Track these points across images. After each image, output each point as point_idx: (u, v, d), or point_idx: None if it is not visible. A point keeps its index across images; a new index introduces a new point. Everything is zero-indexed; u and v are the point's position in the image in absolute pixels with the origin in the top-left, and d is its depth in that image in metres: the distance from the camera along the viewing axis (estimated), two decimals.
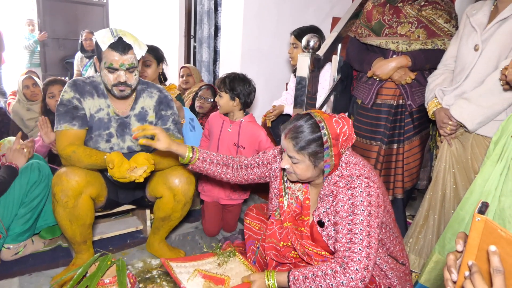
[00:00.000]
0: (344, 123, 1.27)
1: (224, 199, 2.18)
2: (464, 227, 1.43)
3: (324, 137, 1.23)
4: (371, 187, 1.24)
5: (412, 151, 1.92)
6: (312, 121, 1.25)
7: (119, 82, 1.63)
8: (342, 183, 1.27)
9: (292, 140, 1.25)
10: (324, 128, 1.23)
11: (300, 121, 1.27)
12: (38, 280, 1.74)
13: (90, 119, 1.72)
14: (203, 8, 3.91)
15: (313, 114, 1.28)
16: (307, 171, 1.28)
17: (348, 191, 1.25)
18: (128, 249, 2.04)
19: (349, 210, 1.23)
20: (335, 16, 3.36)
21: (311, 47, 1.84)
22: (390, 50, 1.86)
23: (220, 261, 1.54)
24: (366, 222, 1.20)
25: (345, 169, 1.29)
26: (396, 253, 1.40)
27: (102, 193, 1.76)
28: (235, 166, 1.60)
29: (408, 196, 2.06)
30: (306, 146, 1.24)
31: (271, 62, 3.19)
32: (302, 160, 1.26)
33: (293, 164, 1.29)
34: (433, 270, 1.54)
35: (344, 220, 1.23)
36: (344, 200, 1.25)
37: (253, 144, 2.12)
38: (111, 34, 1.59)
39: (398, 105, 1.90)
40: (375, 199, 1.23)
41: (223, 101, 2.06)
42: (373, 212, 1.21)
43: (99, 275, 1.34)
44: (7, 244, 1.81)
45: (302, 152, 1.25)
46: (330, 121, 1.25)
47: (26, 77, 3.05)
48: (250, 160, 1.59)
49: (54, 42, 6.23)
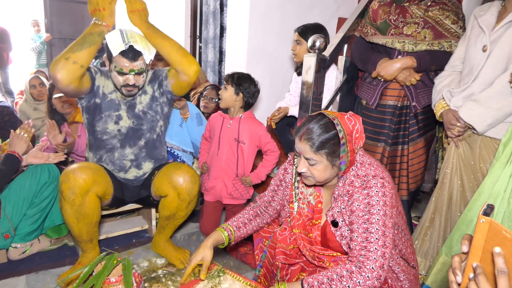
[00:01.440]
0: (356, 121, 1.27)
1: (227, 197, 2.19)
2: (472, 229, 1.42)
3: (340, 133, 1.23)
4: (386, 187, 1.24)
5: (416, 152, 1.91)
6: (326, 120, 1.25)
7: (128, 84, 1.72)
8: (358, 183, 1.27)
9: (308, 141, 1.24)
10: (339, 125, 1.23)
11: (313, 121, 1.26)
12: (45, 279, 1.75)
13: (102, 98, 1.79)
14: (208, 9, 3.92)
15: (325, 113, 1.28)
16: (325, 171, 1.27)
17: (364, 191, 1.24)
18: (134, 248, 2.05)
19: (365, 210, 1.22)
20: (341, 16, 3.35)
21: (317, 48, 1.83)
22: (396, 50, 1.85)
23: (212, 284, 1.43)
24: (382, 222, 1.19)
25: (360, 169, 1.29)
26: (407, 256, 1.39)
27: (108, 191, 1.77)
28: (262, 210, 1.61)
29: (413, 198, 2.05)
30: (323, 145, 1.23)
31: (277, 62, 3.19)
32: (320, 160, 1.25)
33: (311, 167, 1.27)
34: (440, 272, 1.54)
35: (360, 219, 1.22)
36: (360, 200, 1.24)
37: (254, 139, 2.14)
38: (122, 41, 1.64)
39: (403, 106, 1.89)
40: (389, 200, 1.23)
41: (227, 93, 2.08)
42: (388, 212, 1.21)
43: (105, 274, 1.35)
44: (15, 243, 1.83)
45: (320, 152, 1.23)
46: (342, 118, 1.25)
47: (33, 77, 3.08)
48: (268, 194, 1.59)
49: (61, 42, 6.28)
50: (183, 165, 1.84)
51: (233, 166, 2.16)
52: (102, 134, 1.81)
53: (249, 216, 1.57)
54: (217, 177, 2.18)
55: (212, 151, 2.20)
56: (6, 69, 5.43)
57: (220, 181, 2.17)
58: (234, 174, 2.17)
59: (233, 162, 2.16)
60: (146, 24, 1.74)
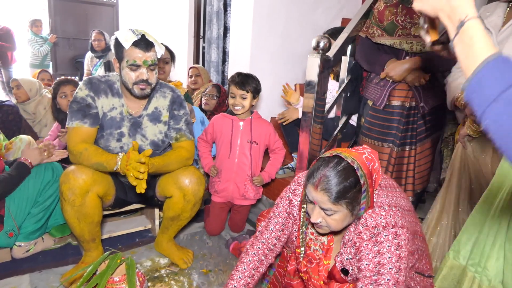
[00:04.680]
0: (374, 159, 1.13)
1: (239, 198, 2.18)
2: (480, 231, 1.41)
3: (361, 179, 1.08)
4: (399, 237, 1.10)
5: (423, 153, 1.90)
6: (344, 164, 1.08)
7: (141, 80, 1.66)
8: (366, 236, 1.13)
9: (326, 192, 1.07)
10: (359, 169, 1.08)
11: (330, 168, 1.09)
12: (48, 278, 1.76)
13: (102, 118, 1.74)
14: (212, 9, 3.92)
15: (342, 155, 1.10)
16: (344, 220, 1.13)
17: (375, 247, 1.11)
18: (137, 248, 2.05)
19: (375, 270, 1.10)
20: (345, 17, 3.35)
21: (320, 48, 1.83)
22: (403, 51, 1.84)
23: None
24: (393, 281, 1.08)
25: (371, 216, 1.14)
26: (422, 268, 1.35)
27: (109, 191, 1.77)
28: (271, 248, 1.40)
29: (418, 198, 2.05)
30: (344, 195, 1.07)
31: (280, 62, 3.19)
32: (338, 210, 1.10)
33: (327, 217, 1.12)
34: (448, 276, 1.52)
35: (366, 280, 1.11)
36: (370, 258, 1.11)
37: (265, 139, 2.15)
38: (132, 33, 1.62)
39: (411, 107, 1.87)
40: (405, 249, 1.10)
41: (247, 101, 2.08)
42: (402, 267, 1.09)
43: (109, 273, 1.35)
44: (19, 242, 1.84)
45: (340, 202, 1.08)
46: (361, 159, 1.10)
47: (12, 80, 3.12)
48: (275, 229, 1.38)
49: (64, 42, 6.30)
50: (189, 167, 1.84)
51: (246, 168, 2.15)
52: (105, 151, 1.76)
53: (254, 266, 1.37)
54: (229, 179, 2.16)
55: (222, 154, 2.17)
56: (10, 68, 5.45)
57: (232, 183, 2.16)
58: (247, 175, 2.16)
59: (246, 164, 2.15)
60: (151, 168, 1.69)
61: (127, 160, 1.57)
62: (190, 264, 1.92)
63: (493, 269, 1.34)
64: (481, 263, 1.37)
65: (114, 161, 1.61)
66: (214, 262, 1.98)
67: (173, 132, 1.84)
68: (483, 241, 1.38)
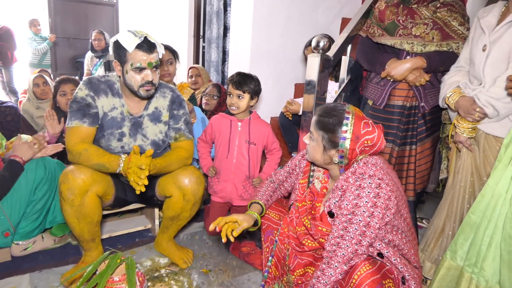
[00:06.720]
0: (374, 131, 1.27)
1: (237, 199, 2.18)
2: (476, 231, 1.41)
3: (344, 127, 1.26)
4: (381, 189, 1.21)
5: (424, 153, 1.90)
6: (343, 109, 1.29)
7: (147, 82, 1.66)
8: (352, 179, 1.27)
9: (317, 116, 1.31)
10: (349, 120, 1.26)
11: (335, 105, 1.32)
12: (48, 277, 1.76)
13: (103, 118, 1.74)
14: (212, 9, 3.92)
15: (348, 105, 1.31)
16: (316, 151, 1.33)
17: (356, 191, 1.24)
18: (137, 248, 2.05)
19: (351, 210, 1.23)
20: (345, 16, 3.35)
21: (321, 48, 1.83)
22: (404, 51, 1.84)
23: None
24: (364, 223, 1.21)
25: (361, 167, 1.27)
26: (409, 256, 1.37)
27: (109, 191, 1.77)
28: (276, 187, 1.66)
29: (418, 198, 2.04)
30: (325, 126, 1.28)
31: (280, 62, 3.19)
32: (316, 138, 1.32)
33: (310, 141, 1.35)
34: (445, 277, 1.52)
35: (343, 217, 1.25)
36: (350, 199, 1.25)
37: (262, 140, 2.14)
38: (134, 35, 1.61)
39: (411, 106, 1.87)
40: (383, 201, 1.21)
41: (243, 102, 2.05)
42: (376, 214, 1.20)
43: (109, 273, 1.35)
44: (16, 240, 1.83)
45: (318, 131, 1.30)
46: (359, 119, 1.27)
47: (37, 76, 3.08)
48: (283, 174, 1.65)
49: (64, 42, 6.31)
50: (189, 166, 1.84)
51: (244, 168, 2.15)
52: (106, 150, 1.76)
53: (270, 192, 1.63)
54: (227, 180, 2.16)
55: (221, 154, 2.17)
56: (11, 68, 5.44)
57: (231, 183, 2.15)
58: (245, 176, 2.15)
59: (244, 164, 2.14)
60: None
61: (129, 163, 1.58)
62: (190, 264, 1.92)
63: (489, 270, 1.34)
64: (478, 264, 1.38)
65: (116, 163, 1.62)
66: (214, 262, 1.98)
67: (172, 131, 1.85)
68: (479, 242, 1.38)
